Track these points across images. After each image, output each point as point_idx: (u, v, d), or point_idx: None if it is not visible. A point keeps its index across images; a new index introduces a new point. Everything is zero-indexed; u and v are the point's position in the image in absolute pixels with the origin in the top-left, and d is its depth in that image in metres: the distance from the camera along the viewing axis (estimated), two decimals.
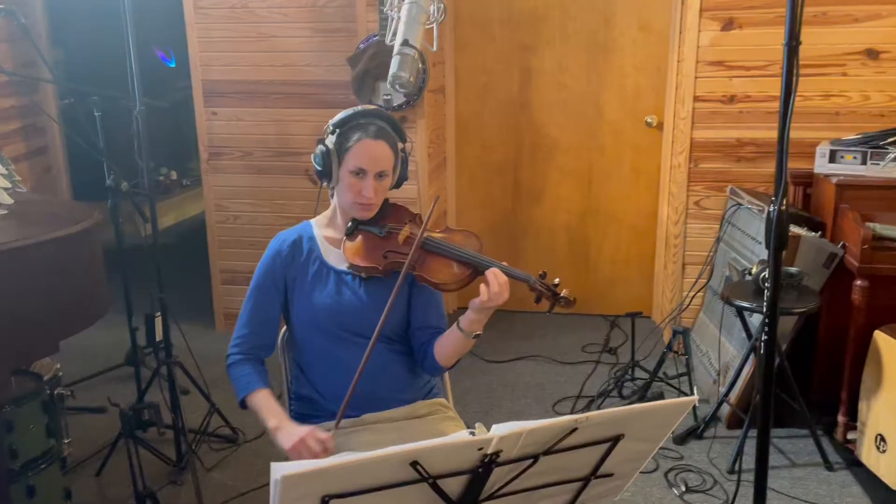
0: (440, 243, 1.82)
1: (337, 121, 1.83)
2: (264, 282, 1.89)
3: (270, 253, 1.91)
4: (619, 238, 4.20)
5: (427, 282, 1.79)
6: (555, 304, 1.78)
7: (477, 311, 1.76)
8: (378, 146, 1.81)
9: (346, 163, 1.81)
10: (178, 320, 4.19)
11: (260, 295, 1.90)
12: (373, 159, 1.80)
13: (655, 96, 3.95)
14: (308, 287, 1.87)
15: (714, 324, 3.43)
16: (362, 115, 1.83)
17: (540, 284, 1.78)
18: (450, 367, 1.89)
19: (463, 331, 1.79)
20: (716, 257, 3.52)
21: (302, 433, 1.71)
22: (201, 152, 3.93)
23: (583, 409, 3.24)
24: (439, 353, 1.85)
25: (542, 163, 4.16)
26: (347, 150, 1.80)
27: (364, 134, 1.79)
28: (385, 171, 1.83)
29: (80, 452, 2.95)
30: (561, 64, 4.00)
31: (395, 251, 1.83)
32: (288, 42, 3.67)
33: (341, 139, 1.81)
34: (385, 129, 1.83)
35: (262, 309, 1.89)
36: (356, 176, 1.81)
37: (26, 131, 4.34)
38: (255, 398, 1.83)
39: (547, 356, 3.77)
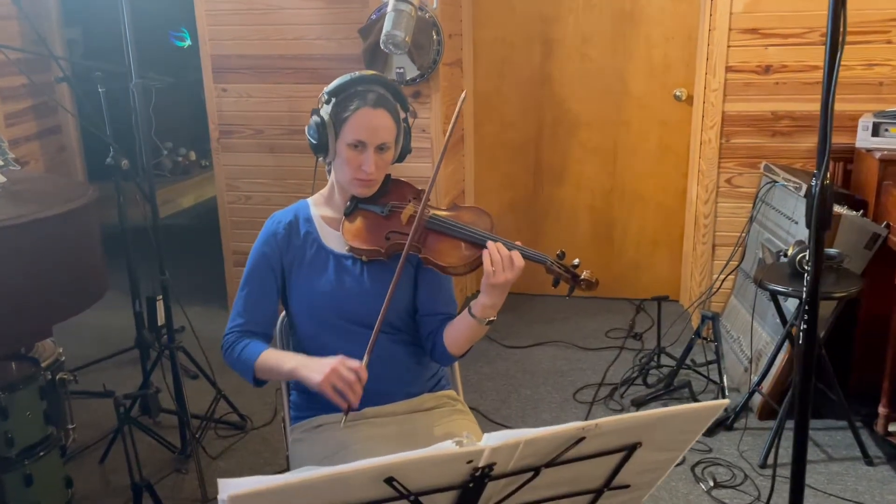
0: (446, 222, 1.67)
1: (332, 88, 1.67)
2: (259, 267, 1.75)
3: (265, 235, 1.77)
4: (646, 218, 4.01)
5: (433, 264, 1.65)
6: (574, 286, 1.63)
7: (487, 294, 1.61)
8: (378, 115, 1.65)
9: (343, 135, 1.65)
10: (193, 303, 4.16)
11: (255, 281, 1.75)
12: (372, 130, 1.65)
13: (685, 68, 3.74)
14: (305, 273, 1.73)
15: (746, 308, 3.24)
16: (360, 81, 1.66)
17: (557, 266, 1.63)
18: (461, 356, 1.75)
19: (475, 317, 1.64)
20: (748, 238, 3.32)
21: (332, 363, 1.53)
22: (211, 131, 3.81)
23: (605, 398, 3.09)
24: (449, 341, 1.70)
25: (564, 140, 3.98)
26: (344, 120, 1.64)
27: (362, 102, 1.63)
28: (386, 142, 1.68)
29: (86, 438, 2.88)
30: (584, 35, 3.81)
31: (399, 231, 1.68)
32: (297, 14, 3.53)
33: (337, 109, 1.65)
34: (385, 96, 1.67)
35: (258, 296, 1.75)
36: (355, 149, 1.66)
37: (38, 110, 4.26)
38: (265, 357, 1.67)
39: (568, 341, 3.61)
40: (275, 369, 1.66)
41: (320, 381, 1.53)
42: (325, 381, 1.53)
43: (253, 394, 3.06)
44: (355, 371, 1.54)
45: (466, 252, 1.63)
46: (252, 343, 1.71)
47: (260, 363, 1.67)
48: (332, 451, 1.67)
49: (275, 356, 1.67)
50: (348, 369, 1.54)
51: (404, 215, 1.70)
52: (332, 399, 1.54)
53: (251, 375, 1.69)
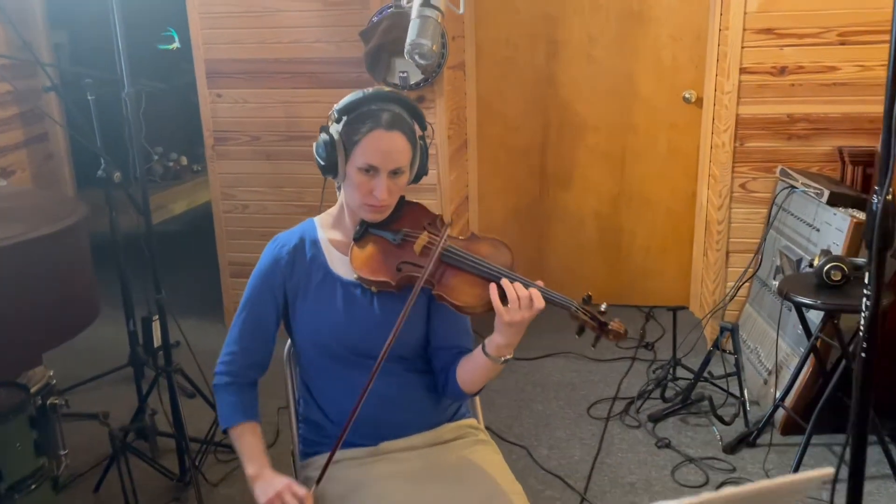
0: (463, 255, 1.54)
1: (343, 106, 1.54)
2: (260, 292, 1.63)
3: (268, 259, 1.64)
4: (654, 224, 3.90)
5: (447, 302, 1.51)
6: (600, 336, 1.50)
7: (502, 333, 1.49)
8: (392, 139, 1.51)
9: (354, 158, 1.52)
10: (188, 315, 4.02)
11: (254, 307, 1.63)
12: (386, 154, 1.51)
13: (694, 69, 3.63)
14: (311, 300, 1.60)
15: (763, 317, 3.14)
16: (374, 99, 1.53)
17: (583, 311, 1.50)
18: (475, 394, 1.63)
19: (489, 355, 1.52)
20: (764, 245, 3.22)
21: (278, 487, 1.47)
22: (206, 137, 3.68)
23: (621, 413, 2.98)
24: (463, 379, 1.59)
25: (570, 143, 3.87)
26: (356, 143, 1.51)
27: (375, 124, 1.50)
28: (401, 167, 1.55)
29: (80, 464, 2.74)
30: (590, 35, 3.69)
31: (411, 262, 1.55)
32: (295, 17, 3.40)
33: (349, 129, 1.52)
34: (401, 116, 1.53)
35: (255, 323, 1.63)
36: (366, 174, 1.52)
37: (25, 117, 4.11)
38: (236, 433, 1.60)
39: (578, 352, 3.50)
40: (239, 454, 1.60)
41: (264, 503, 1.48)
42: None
43: None
44: (300, 499, 1.46)
45: (482, 290, 1.49)
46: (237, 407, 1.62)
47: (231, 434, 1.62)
48: (349, 489, 1.55)
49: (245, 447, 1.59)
50: (293, 496, 1.47)
51: (417, 245, 1.57)
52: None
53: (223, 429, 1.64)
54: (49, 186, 4.34)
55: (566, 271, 4.02)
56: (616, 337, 1.49)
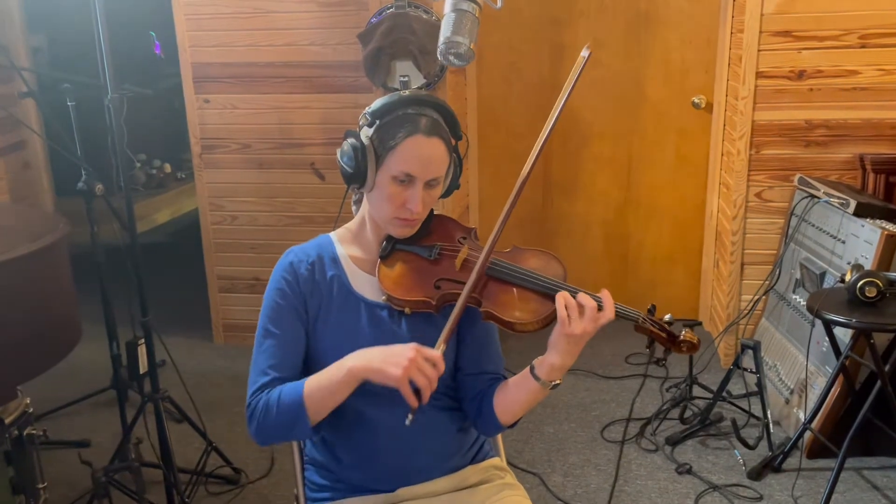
0: (511, 268, 1.38)
1: (377, 108, 1.37)
2: (285, 311, 1.41)
3: (285, 273, 1.43)
4: (662, 233, 3.76)
5: (496, 319, 1.35)
6: (672, 348, 1.36)
7: (559, 351, 1.33)
8: (432, 145, 1.36)
9: (387, 165, 1.36)
10: (173, 332, 3.81)
11: (280, 329, 1.40)
12: (425, 162, 1.35)
13: (704, 74, 3.50)
14: (333, 324, 1.42)
15: (781, 332, 3.00)
16: (410, 102, 1.37)
17: (651, 323, 1.36)
18: (512, 426, 1.46)
19: (539, 379, 1.36)
20: (782, 257, 3.08)
21: (410, 353, 1.26)
22: (193, 145, 3.49)
23: (636, 436, 2.82)
24: (501, 408, 1.42)
25: (575, 150, 3.72)
26: (392, 148, 1.35)
27: (414, 129, 1.34)
28: (437, 178, 1.39)
29: (59, 499, 2.54)
30: (596, 38, 3.55)
31: (451, 279, 1.38)
32: (288, 18, 3.22)
33: (383, 134, 1.35)
34: (439, 123, 1.38)
35: (288, 347, 1.40)
36: (400, 183, 1.36)
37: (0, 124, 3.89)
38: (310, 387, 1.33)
39: (587, 369, 3.34)
40: (330, 384, 1.31)
41: (399, 376, 1.25)
42: (404, 376, 1.25)
43: (247, 444, 2.75)
44: (434, 362, 1.27)
45: (537, 305, 1.35)
46: (287, 386, 1.36)
47: (309, 391, 1.32)
48: None
49: (320, 376, 1.33)
50: (426, 360, 1.27)
51: (458, 260, 1.41)
52: (406, 396, 1.26)
53: (304, 417, 1.32)
54: (26, 197, 4.13)
55: (571, 281, 3.84)
56: (690, 349, 1.38)
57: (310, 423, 1.33)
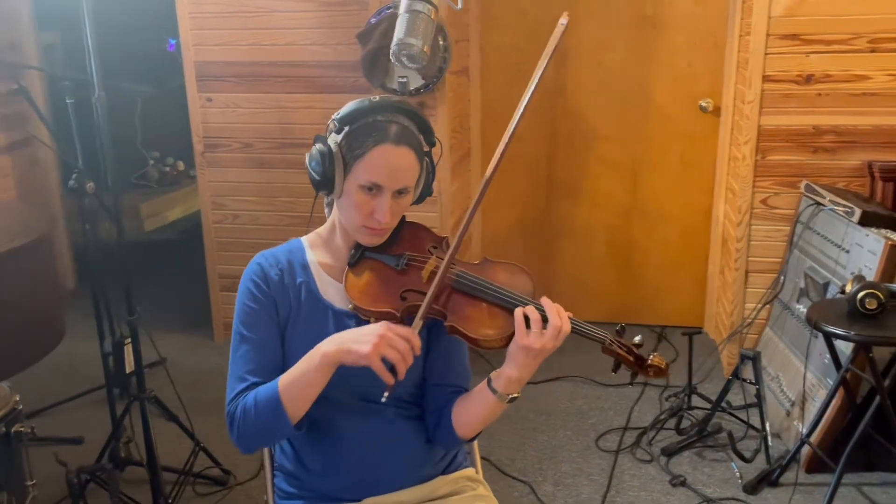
0: (478, 282, 1.34)
1: (345, 115, 1.34)
2: (257, 316, 1.38)
3: (255, 277, 1.41)
4: (667, 239, 3.70)
5: (461, 335, 1.32)
6: (639, 372, 1.32)
7: (517, 364, 1.29)
8: (400, 154, 1.33)
9: (355, 174, 1.33)
10: (177, 329, 3.82)
11: (255, 333, 1.37)
12: (392, 172, 1.32)
13: (712, 77, 3.43)
14: (300, 332, 1.39)
15: (785, 343, 2.93)
16: (380, 108, 1.33)
17: (619, 345, 1.31)
18: (470, 440, 1.43)
19: (496, 392, 1.33)
20: (787, 265, 3.01)
21: (379, 330, 1.24)
22: (195, 143, 3.49)
23: (632, 446, 2.77)
24: (460, 421, 1.39)
25: (579, 153, 3.67)
26: (359, 157, 1.32)
27: (382, 137, 1.31)
28: (407, 187, 1.35)
29: (48, 496, 2.54)
30: (601, 41, 3.50)
31: (418, 290, 1.35)
32: (290, 18, 3.21)
33: (351, 141, 1.32)
34: (409, 130, 1.34)
35: (264, 351, 1.37)
36: (368, 192, 1.33)
37: (8, 121, 3.92)
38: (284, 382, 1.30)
39: (585, 376, 3.30)
40: (304, 374, 1.28)
41: (368, 353, 1.22)
42: (373, 352, 1.22)
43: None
44: (406, 338, 1.25)
45: (503, 321, 1.31)
46: (262, 386, 1.33)
47: (284, 386, 1.29)
48: None
49: (294, 369, 1.30)
50: (398, 336, 1.24)
51: (426, 271, 1.38)
52: (379, 373, 1.23)
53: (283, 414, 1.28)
54: (34, 193, 4.16)
55: (574, 287, 3.81)
56: (657, 373, 1.33)
57: (290, 421, 1.29)
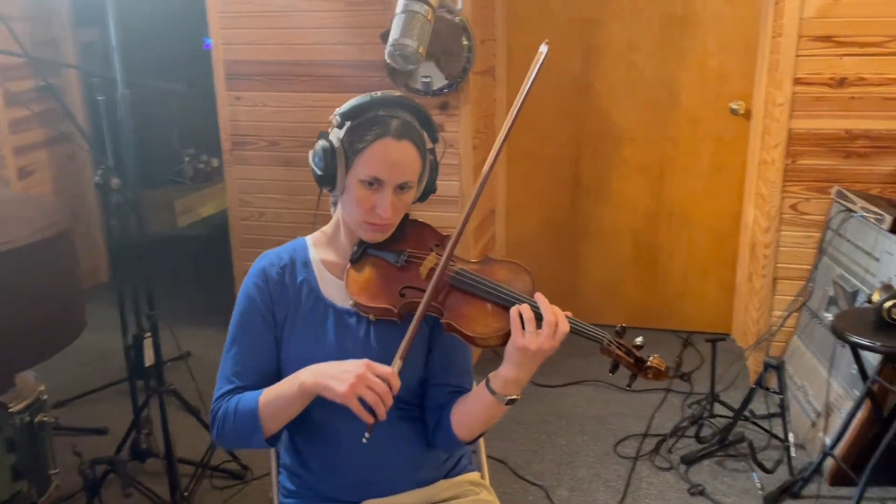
0: (476, 279, 1.34)
1: (347, 110, 1.35)
2: (250, 317, 1.41)
3: (254, 279, 1.44)
4: (695, 244, 3.64)
5: (457, 332, 1.32)
6: (638, 375, 1.29)
7: (514, 364, 1.28)
8: (401, 149, 1.33)
9: (356, 168, 1.34)
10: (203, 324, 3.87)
11: (247, 335, 1.40)
12: (392, 166, 1.33)
13: (743, 79, 3.37)
14: (299, 331, 1.40)
15: (812, 352, 2.86)
16: (382, 103, 1.34)
17: (617, 346, 1.29)
18: (470, 442, 1.42)
19: (494, 393, 1.31)
20: (816, 273, 2.94)
21: (358, 370, 1.23)
22: (223, 141, 3.53)
23: (651, 452, 2.73)
24: (458, 422, 1.38)
25: (605, 155, 3.63)
26: (359, 151, 1.32)
27: (383, 131, 1.32)
28: (408, 182, 1.36)
29: (71, 484, 2.59)
30: (631, 41, 3.45)
31: (416, 287, 1.35)
32: (316, 17, 3.22)
33: (352, 136, 1.33)
34: (411, 125, 1.35)
35: (252, 353, 1.40)
36: (369, 187, 1.34)
37: (46, 116, 4.02)
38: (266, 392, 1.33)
39: (607, 381, 3.25)
40: (283, 396, 1.30)
41: (344, 392, 1.22)
42: (349, 393, 1.22)
43: None
44: (385, 379, 1.23)
45: (501, 320, 1.29)
46: (245, 395, 1.36)
47: (264, 402, 1.32)
48: None
49: (275, 389, 1.32)
50: (377, 377, 1.23)
51: (424, 267, 1.38)
52: (357, 412, 1.23)
53: (259, 427, 1.32)
54: (69, 188, 4.26)
55: (599, 290, 3.77)
56: (656, 375, 1.30)
57: (263, 435, 1.32)
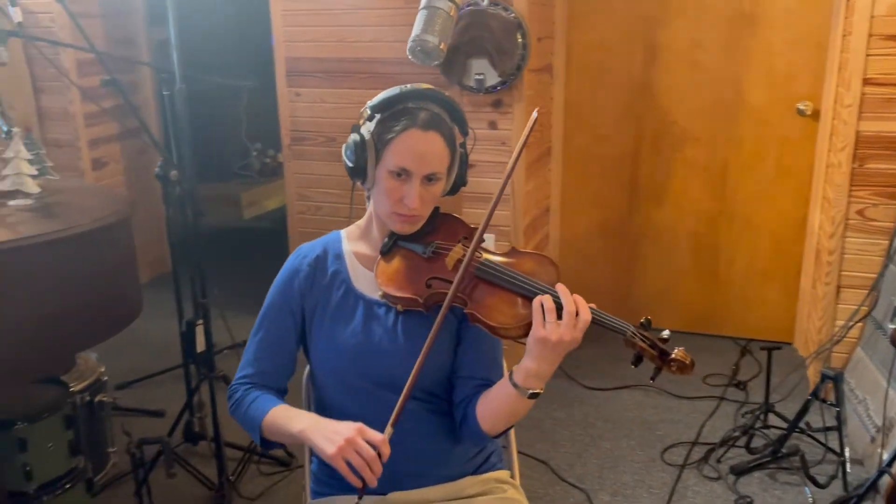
0: (500, 270, 1.34)
1: (377, 102, 1.38)
2: (277, 308, 1.48)
3: (286, 272, 1.49)
4: (757, 248, 3.52)
5: (480, 322, 1.33)
6: (662, 368, 1.27)
7: (535, 356, 1.27)
8: (428, 139, 1.35)
9: (384, 160, 1.36)
10: (257, 315, 3.97)
11: (271, 325, 1.48)
12: (420, 157, 1.35)
13: (812, 78, 3.24)
14: (329, 321, 1.44)
15: (875, 364, 2.74)
16: (411, 96, 1.37)
17: (641, 338, 1.27)
18: (496, 436, 1.41)
19: (517, 386, 1.30)
20: (882, 281, 2.81)
21: (347, 432, 1.25)
22: (283, 137, 3.62)
23: (699, 461, 2.66)
24: (483, 415, 1.38)
25: (665, 156, 3.55)
26: (388, 142, 1.35)
27: (411, 122, 1.34)
28: (436, 173, 1.38)
29: (127, 464, 2.70)
30: (694, 39, 3.37)
31: (442, 278, 1.37)
32: (374, 15, 3.26)
33: (381, 128, 1.36)
34: (440, 116, 1.37)
35: (272, 344, 1.47)
36: (397, 178, 1.36)
37: (120, 111, 4.20)
38: (274, 414, 1.38)
39: (659, 386, 3.19)
40: (283, 429, 1.36)
41: (332, 454, 1.24)
42: (337, 455, 1.24)
43: None
44: (376, 445, 1.24)
45: (523, 310, 1.30)
46: (262, 397, 1.43)
47: (268, 421, 1.38)
48: None
49: (284, 414, 1.38)
50: (367, 442, 1.24)
51: (450, 259, 1.39)
52: (345, 476, 1.25)
53: (258, 436, 1.41)
54: (140, 180, 4.44)
55: (654, 294, 3.70)
56: (680, 369, 1.26)
57: (259, 441, 1.41)
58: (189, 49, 6.89)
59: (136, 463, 1.93)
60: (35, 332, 1.79)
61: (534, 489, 2.53)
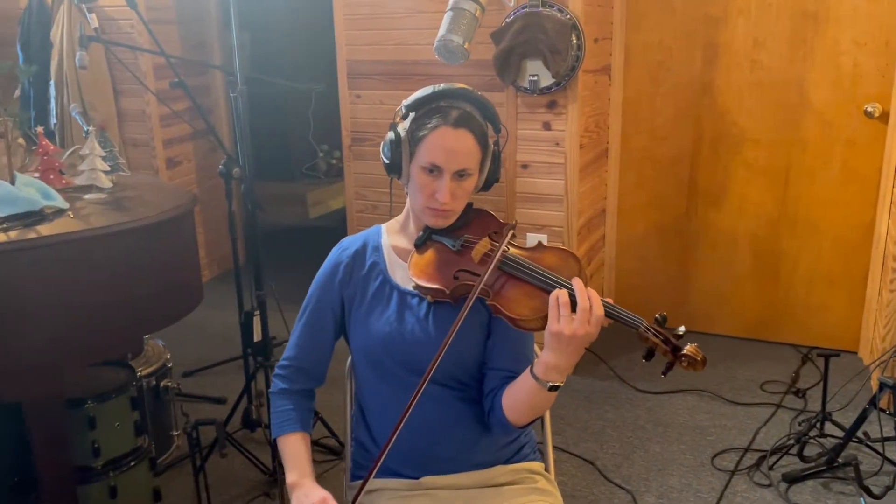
0: (523, 264, 1.38)
1: (412, 101, 1.45)
2: (318, 298, 1.57)
3: (329, 264, 1.58)
4: (822, 253, 3.43)
5: (502, 314, 1.37)
6: (674, 363, 1.28)
7: (552, 349, 1.30)
8: (458, 137, 1.41)
9: (417, 156, 1.43)
10: None
11: (313, 313, 1.57)
12: (450, 153, 1.41)
13: (881, 79, 3.14)
14: (365, 309, 1.51)
15: None
16: (444, 95, 1.43)
17: (654, 332, 1.28)
18: (523, 427, 1.44)
19: (537, 378, 1.34)
20: None
21: (314, 499, 1.40)
22: (343, 137, 3.73)
23: (750, 468, 2.62)
24: (508, 405, 1.42)
25: (725, 157, 3.49)
26: (420, 139, 1.42)
27: (442, 120, 1.40)
28: (467, 169, 1.43)
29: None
30: (756, 38, 3.31)
31: (469, 271, 1.42)
32: (432, 18, 3.32)
33: (415, 126, 1.43)
34: (471, 115, 1.42)
35: (313, 331, 1.57)
36: (429, 174, 1.42)
37: (191, 112, 4.39)
38: (285, 443, 1.53)
39: (714, 391, 3.14)
40: (284, 463, 1.52)
41: None
42: None
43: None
44: None
45: (540, 302, 1.33)
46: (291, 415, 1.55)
47: (280, 443, 1.54)
48: None
49: (290, 454, 1.52)
50: None
51: (476, 252, 1.44)
52: None
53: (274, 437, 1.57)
54: (211, 179, 4.63)
55: (711, 298, 3.64)
56: (691, 364, 1.27)
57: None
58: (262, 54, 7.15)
59: (192, 443, 2.03)
60: (105, 315, 1.92)
61: (578, 488, 2.54)
